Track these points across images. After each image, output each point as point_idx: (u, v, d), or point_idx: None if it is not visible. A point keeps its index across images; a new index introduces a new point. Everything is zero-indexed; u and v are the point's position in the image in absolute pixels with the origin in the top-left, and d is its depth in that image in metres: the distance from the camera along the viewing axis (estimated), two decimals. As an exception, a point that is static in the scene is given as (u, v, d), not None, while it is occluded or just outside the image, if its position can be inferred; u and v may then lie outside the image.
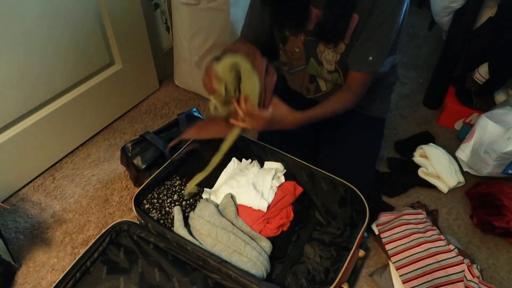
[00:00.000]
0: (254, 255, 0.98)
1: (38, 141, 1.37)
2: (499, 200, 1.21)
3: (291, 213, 1.11)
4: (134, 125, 1.66)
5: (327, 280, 0.98)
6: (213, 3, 1.46)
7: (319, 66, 1.13)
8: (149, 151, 1.29)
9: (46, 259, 1.17)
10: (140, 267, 0.99)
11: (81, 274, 0.97)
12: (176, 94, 1.83)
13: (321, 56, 1.10)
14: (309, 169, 1.15)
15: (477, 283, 0.99)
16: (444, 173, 1.35)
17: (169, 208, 1.08)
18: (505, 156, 1.23)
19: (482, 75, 1.52)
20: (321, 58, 1.11)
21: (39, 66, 1.26)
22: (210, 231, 1.00)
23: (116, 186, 1.39)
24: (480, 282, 0.99)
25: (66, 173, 1.44)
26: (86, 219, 1.28)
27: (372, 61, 0.99)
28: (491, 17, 1.42)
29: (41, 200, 1.34)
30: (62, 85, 1.39)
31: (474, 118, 1.57)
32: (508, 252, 1.20)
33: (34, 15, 1.19)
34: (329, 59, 1.08)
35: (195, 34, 1.57)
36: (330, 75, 1.14)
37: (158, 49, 1.79)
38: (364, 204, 1.07)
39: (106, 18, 1.43)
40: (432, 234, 1.09)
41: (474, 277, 1.00)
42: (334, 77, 1.14)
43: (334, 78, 1.14)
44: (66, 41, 1.32)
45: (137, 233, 1.06)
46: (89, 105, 1.50)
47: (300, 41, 1.10)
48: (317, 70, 1.16)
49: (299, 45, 1.12)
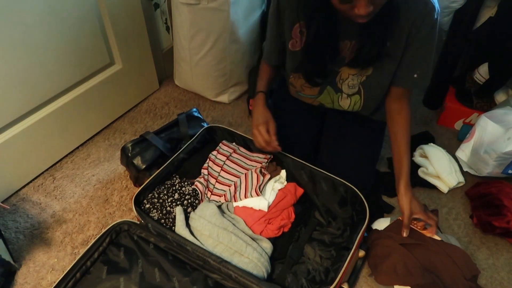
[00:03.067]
0: (255, 256, 0.98)
1: (38, 141, 1.37)
2: (499, 200, 1.21)
3: (292, 214, 1.11)
4: (134, 125, 1.66)
5: (327, 280, 0.99)
6: (213, 3, 1.46)
7: (335, 94, 1.14)
8: (149, 151, 1.29)
9: (46, 259, 1.17)
10: (140, 267, 0.99)
11: (81, 274, 0.98)
12: (176, 94, 1.83)
13: (342, 83, 1.11)
14: (309, 169, 1.16)
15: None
16: (444, 173, 1.35)
17: (170, 208, 1.08)
18: (505, 156, 1.23)
19: (482, 75, 1.52)
20: (341, 86, 1.11)
21: (39, 66, 1.26)
22: (211, 231, 1.00)
23: (116, 186, 1.39)
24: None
25: (66, 173, 1.44)
26: (86, 219, 1.28)
27: (417, 78, 1.02)
28: (491, 17, 1.42)
29: (41, 200, 1.34)
30: (62, 85, 1.38)
31: (474, 118, 1.57)
32: (508, 252, 1.20)
33: (34, 15, 1.18)
34: (352, 84, 1.10)
35: (195, 34, 1.57)
36: (349, 99, 1.14)
37: (158, 49, 1.79)
38: (364, 204, 1.07)
39: (106, 18, 1.43)
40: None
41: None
42: (354, 99, 1.14)
43: (353, 101, 1.15)
44: (66, 41, 1.32)
45: (137, 233, 1.06)
46: (89, 105, 1.50)
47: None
48: (331, 98, 1.16)
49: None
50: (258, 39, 1.73)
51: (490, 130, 1.28)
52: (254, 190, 1.11)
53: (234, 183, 1.16)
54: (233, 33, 1.55)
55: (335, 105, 1.18)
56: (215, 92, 1.74)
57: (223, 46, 1.58)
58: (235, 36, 1.57)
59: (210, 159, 1.24)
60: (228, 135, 1.31)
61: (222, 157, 1.23)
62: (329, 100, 1.17)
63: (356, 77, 1.08)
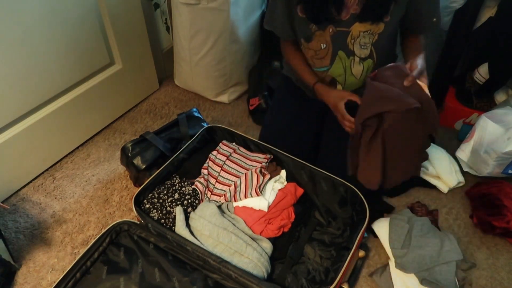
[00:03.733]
0: (255, 256, 0.98)
1: (38, 141, 1.37)
2: (499, 200, 1.21)
3: (292, 214, 1.11)
4: (134, 125, 1.66)
5: (327, 280, 0.99)
6: (213, 3, 1.46)
7: (348, 59, 1.11)
8: (149, 151, 1.29)
9: (46, 259, 1.17)
10: (140, 267, 0.99)
11: (81, 274, 0.98)
12: (176, 94, 1.83)
13: (354, 44, 1.09)
14: (309, 169, 1.16)
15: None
16: (444, 173, 1.35)
17: (170, 208, 1.08)
18: (505, 156, 1.23)
19: (482, 75, 1.52)
20: (353, 47, 1.09)
21: (39, 66, 1.26)
22: (211, 231, 1.00)
23: (116, 186, 1.39)
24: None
25: (66, 173, 1.44)
26: (86, 219, 1.28)
27: (435, 21, 1.07)
28: (491, 17, 1.42)
29: (41, 200, 1.34)
30: (62, 85, 1.38)
31: (474, 118, 1.57)
32: (508, 252, 1.20)
33: (34, 15, 1.18)
34: (364, 42, 1.09)
35: (195, 34, 1.57)
36: (361, 65, 1.12)
37: (158, 49, 1.79)
38: (364, 204, 1.07)
39: (106, 18, 1.43)
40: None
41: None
42: (366, 65, 1.12)
43: (365, 67, 1.12)
44: (66, 41, 1.32)
45: (137, 233, 1.06)
46: (89, 105, 1.50)
47: (328, 34, 1.08)
48: (344, 66, 1.13)
49: (326, 39, 1.09)
50: (258, 39, 1.73)
51: (490, 130, 1.28)
52: (254, 190, 1.11)
53: (234, 183, 1.16)
54: (233, 33, 1.55)
55: (348, 76, 1.14)
56: (215, 92, 1.74)
57: (223, 46, 1.58)
58: (235, 36, 1.57)
59: (210, 159, 1.24)
60: (228, 135, 1.31)
61: (222, 157, 1.23)
62: (341, 70, 1.13)
63: (367, 35, 1.07)
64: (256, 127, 1.64)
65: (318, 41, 1.11)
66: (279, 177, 1.18)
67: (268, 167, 1.20)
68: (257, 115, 1.65)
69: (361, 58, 1.11)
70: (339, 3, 1.02)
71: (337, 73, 1.14)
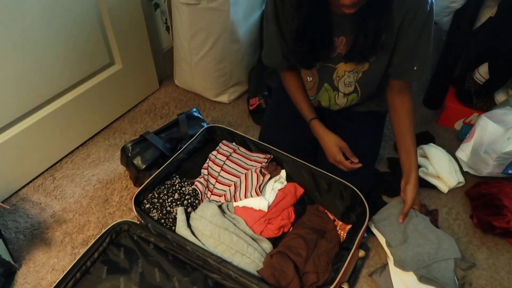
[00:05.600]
0: (257, 256, 0.98)
1: (38, 141, 1.37)
2: (499, 200, 1.21)
3: (293, 214, 1.11)
4: (134, 125, 1.66)
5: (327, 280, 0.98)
6: (213, 3, 1.46)
7: (333, 92, 1.14)
8: (149, 151, 1.29)
9: (46, 259, 1.17)
10: (140, 267, 0.99)
11: (81, 274, 0.98)
12: (176, 94, 1.83)
13: (339, 81, 1.11)
14: (309, 169, 1.16)
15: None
16: (444, 173, 1.35)
17: (170, 208, 1.08)
18: (505, 156, 1.23)
19: (482, 75, 1.52)
20: (338, 84, 1.12)
21: (39, 66, 1.26)
22: (212, 231, 1.00)
23: (116, 186, 1.39)
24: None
25: (66, 173, 1.44)
26: (86, 219, 1.28)
27: (417, 70, 1.02)
28: (491, 17, 1.42)
29: (41, 200, 1.34)
30: (62, 85, 1.38)
31: (474, 118, 1.57)
32: (508, 252, 1.20)
33: (34, 15, 1.18)
34: (349, 81, 1.10)
35: (195, 34, 1.57)
36: (345, 98, 1.15)
37: (158, 49, 1.79)
38: (364, 204, 1.07)
39: (106, 18, 1.43)
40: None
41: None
42: (350, 98, 1.15)
43: (350, 99, 1.16)
44: (66, 41, 1.32)
45: (137, 233, 1.06)
46: (89, 105, 1.50)
47: (315, 68, 1.10)
48: (329, 96, 1.17)
49: (313, 72, 1.13)
50: (258, 39, 1.73)
51: (490, 130, 1.28)
52: (254, 190, 1.11)
53: (234, 183, 1.16)
54: (233, 33, 1.55)
55: (332, 104, 1.18)
56: (215, 92, 1.74)
57: (223, 46, 1.58)
58: (235, 36, 1.57)
59: (210, 159, 1.24)
60: (228, 135, 1.31)
61: (222, 157, 1.23)
62: (327, 98, 1.18)
63: (352, 74, 1.08)
64: (256, 127, 1.64)
65: (305, 74, 1.16)
66: (279, 177, 1.18)
67: (268, 167, 1.20)
68: (257, 115, 1.65)
69: (345, 93, 1.14)
70: (329, 47, 1.03)
71: (323, 100, 1.20)
